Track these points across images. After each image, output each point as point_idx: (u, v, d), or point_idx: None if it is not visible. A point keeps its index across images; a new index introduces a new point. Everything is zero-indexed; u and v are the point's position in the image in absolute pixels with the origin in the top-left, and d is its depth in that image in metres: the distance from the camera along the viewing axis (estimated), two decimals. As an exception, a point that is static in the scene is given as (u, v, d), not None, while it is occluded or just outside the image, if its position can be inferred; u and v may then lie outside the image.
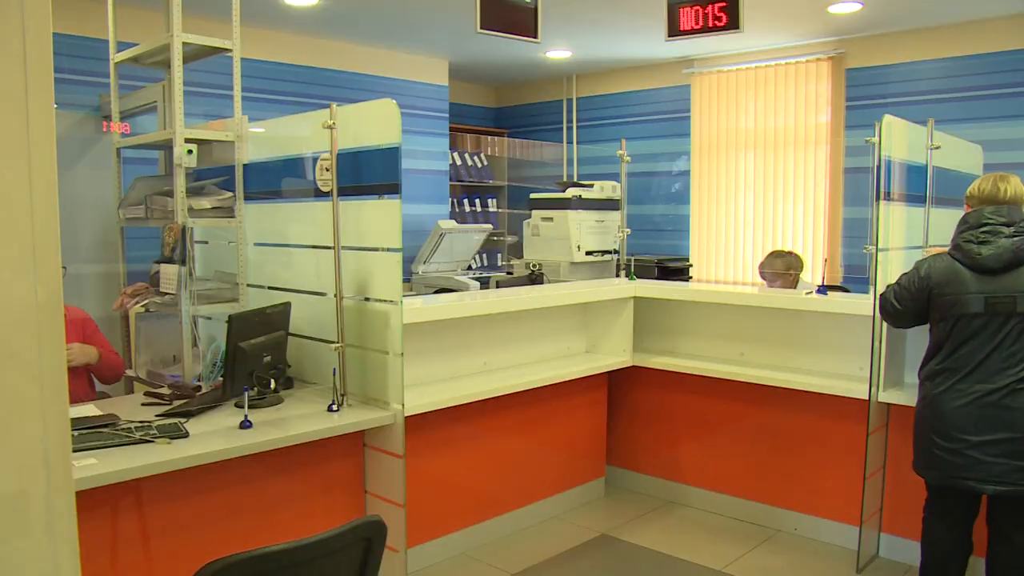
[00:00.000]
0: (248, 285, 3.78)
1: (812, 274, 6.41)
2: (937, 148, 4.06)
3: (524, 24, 4.70)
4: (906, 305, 3.19)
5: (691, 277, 6.99)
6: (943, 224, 4.33)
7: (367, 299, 3.26)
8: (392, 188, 3.14)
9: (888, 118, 3.69)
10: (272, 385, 3.18)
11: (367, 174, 3.23)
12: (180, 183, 3.50)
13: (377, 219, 3.23)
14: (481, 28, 4.47)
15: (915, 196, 4.07)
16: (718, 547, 4.04)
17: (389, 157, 3.15)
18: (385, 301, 3.19)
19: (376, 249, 3.22)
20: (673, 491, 4.62)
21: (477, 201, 8.65)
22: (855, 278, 6.40)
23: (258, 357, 3.14)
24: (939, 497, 3.22)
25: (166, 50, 3.58)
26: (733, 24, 4.52)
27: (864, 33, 6.71)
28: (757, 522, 4.30)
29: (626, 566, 3.89)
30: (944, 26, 6.40)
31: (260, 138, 3.81)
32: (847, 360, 4.03)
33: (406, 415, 3.19)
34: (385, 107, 3.15)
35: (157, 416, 2.93)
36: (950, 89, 6.40)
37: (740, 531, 4.23)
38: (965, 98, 6.33)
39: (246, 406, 2.89)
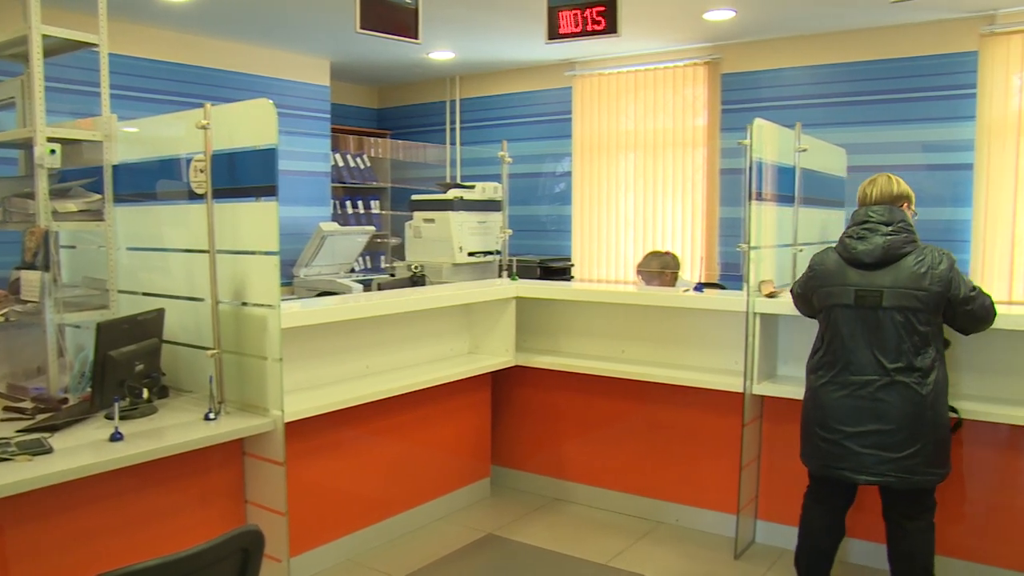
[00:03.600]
0: (119, 291, 3.62)
1: (691, 272, 6.61)
2: (804, 151, 4.24)
3: (405, 25, 4.68)
4: (802, 291, 3.37)
5: (573, 277, 7.09)
6: (811, 223, 4.54)
7: (244, 304, 3.18)
8: (269, 190, 3.06)
9: (758, 121, 3.83)
10: (145, 395, 3.06)
11: (243, 176, 3.15)
12: (42, 184, 3.32)
13: (254, 222, 3.15)
14: (361, 28, 4.42)
15: (785, 196, 4.24)
16: (603, 541, 4.11)
17: (265, 158, 3.07)
18: (263, 305, 3.11)
19: (253, 252, 3.14)
20: (558, 488, 4.67)
21: (360, 203, 8.56)
22: (731, 275, 6.62)
23: (129, 366, 3.02)
24: (818, 485, 3.35)
25: (24, 42, 3.39)
26: (611, 28, 4.62)
27: (738, 40, 6.96)
28: (640, 515, 4.39)
29: (512, 565, 3.92)
30: (812, 35, 6.71)
31: (131, 138, 3.66)
32: (723, 355, 4.16)
33: (286, 421, 3.12)
34: (261, 107, 3.08)
35: (18, 432, 2.77)
36: (817, 95, 6.71)
37: (624, 525, 4.32)
38: (831, 104, 6.65)
39: (116, 417, 2.77)
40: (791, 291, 3.49)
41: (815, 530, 3.37)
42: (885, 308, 3.04)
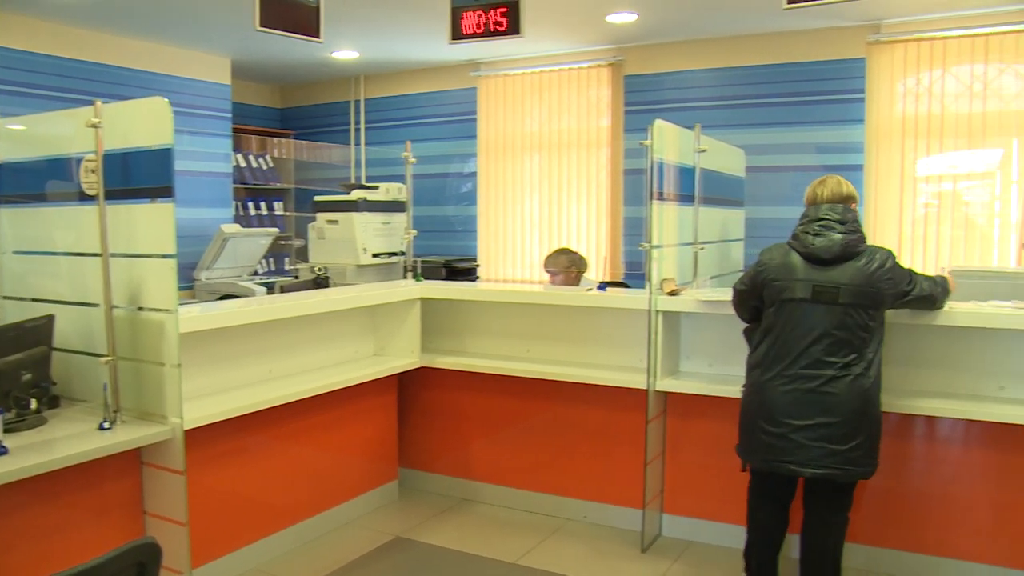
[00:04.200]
0: (5, 297, 3.47)
1: (596, 272, 6.70)
2: (704, 151, 4.34)
3: (306, 23, 4.61)
4: (749, 286, 3.36)
5: (478, 277, 7.10)
6: (712, 222, 4.66)
7: (140, 308, 3.08)
8: (165, 191, 2.98)
9: (659, 123, 3.91)
10: (33, 405, 2.94)
11: (137, 176, 3.05)
12: (-81, 186, 3.16)
13: (149, 224, 3.05)
14: (261, 26, 4.34)
15: (686, 196, 4.34)
16: (511, 541, 4.13)
17: (161, 158, 2.98)
18: (159, 310, 3.02)
19: (149, 256, 3.04)
20: (466, 489, 4.67)
21: (263, 204, 8.39)
22: (635, 274, 6.75)
23: (15, 376, 2.89)
24: (762, 480, 3.39)
25: None
26: (514, 29, 4.64)
27: (641, 42, 7.08)
28: (548, 513, 4.43)
29: (421, 567, 3.90)
30: (712, 39, 6.87)
31: (16, 136, 3.51)
32: (628, 352, 4.22)
33: (186, 428, 3.04)
34: (156, 105, 2.99)
35: None
36: (718, 97, 6.88)
37: (532, 523, 4.34)
38: (730, 106, 6.82)
39: (0, 430, 2.65)
40: (734, 288, 3.49)
41: (764, 524, 3.42)
42: (840, 304, 3.11)
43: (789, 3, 4.23)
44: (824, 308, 3.13)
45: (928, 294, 3.30)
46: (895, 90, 6.39)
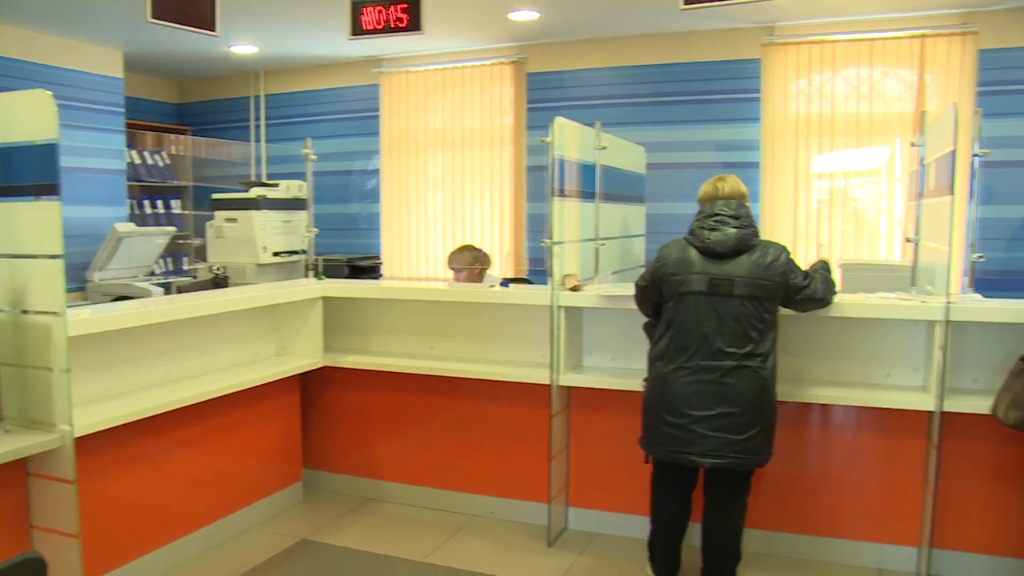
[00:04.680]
0: None
1: (499, 268, 6.72)
2: (604, 148, 4.40)
3: (201, 15, 4.49)
4: (649, 281, 3.42)
5: (381, 275, 7.05)
6: (613, 218, 4.72)
7: (25, 312, 2.94)
8: (50, 188, 2.85)
9: (559, 120, 3.94)
10: (-94, 414, 2.79)
11: (19, 173, 2.92)
12: None
13: (33, 223, 2.92)
14: (152, 18, 4.21)
15: (587, 192, 4.39)
16: (418, 539, 4.11)
17: (44, 154, 2.85)
18: (46, 313, 2.89)
19: (34, 256, 2.91)
20: (372, 489, 4.63)
21: (159, 202, 8.14)
22: (538, 270, 6.80)
23: None
24: (665, 471, 3.45)
25: None
26: (414, 26, 4.62)
27: (543, 40, 7.13)
28: (455, 510, 4.42)
29: (327, 569, 3.85)
30: (613, 38, 6.97)
31: None
32: (531, 348, 4.25)
33: (77, 436, 2.92)
34: (38, 98, 2.86)
35: None
36: (619, 95, 6.98)
37: (439, 521, 4.33)
38: (631, 104, 6.94)
39: None
40: (636, 284, 3.54)
41: (668, 515, 3.49)
42: (736, 296, 3.20)
43: (686, 4, 4.33)
44: (721, 300, 3.21)
45: (821, 297, 3.42)
46: (789, 90, 6.61)
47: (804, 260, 6.38)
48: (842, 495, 3.86)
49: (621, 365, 4.11)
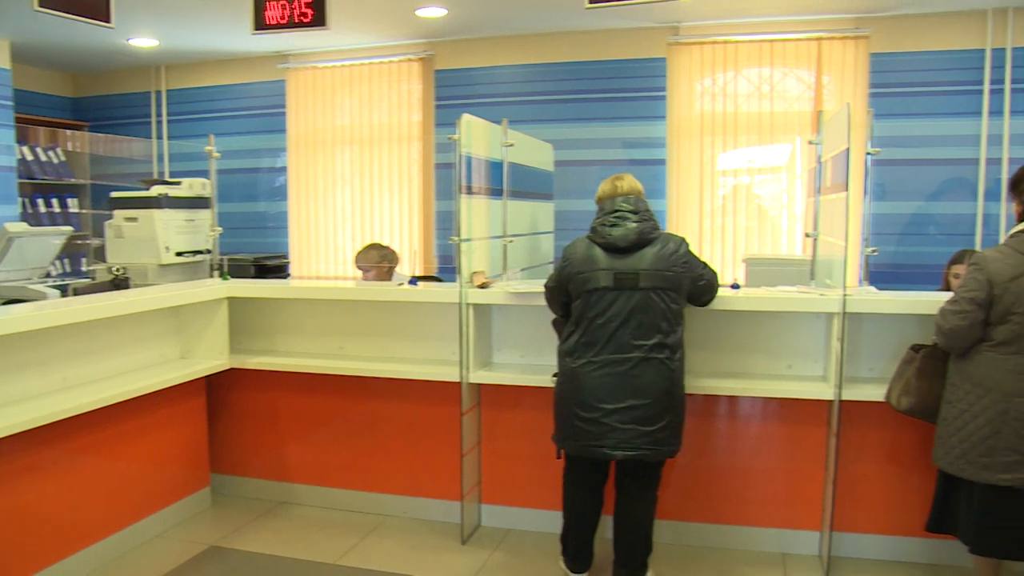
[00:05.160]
0: None
1: (409, 267, 6.68)
2: (511, 146, 4.41)
3: (93, 5, 4.33)
4: (557, 282, 3.46)
5: (289, 274, 6.94)
6: (521, 215, 4.74)
7: (-96, 316, 2.80)
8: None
9: (467, 117, 3.94)
10: None
11: None
12: None
13: (-88, 223, 2.78)
14: (40, 6, 4.04)
15: (496, 190, 4.40)
16: (331, 541, 4.06)
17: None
18: (-72, 318, 2.76)
19: (-87, 258, 2.77)
20: (283, 492, 4.55)
21: (55, 201, 7.82)
22: (448, 268, 6.78)
23: None
24: (577, 465, 3.49)
25: None
26: (320, 21, 4.55)
27: (451, 37, 7.11)
28: (368, 511, 4.38)
29: (237, 575, 3.77)
30: (521, 36, 7.00)
31: None
32: (441, 346, 4.24)
33: (-37, 446, 2.79)
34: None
35: None
36: (527, 92, 7.01)
37: (352, 522, 4.28)
38: (539, 101, 6.98)
39: None
40: (545, 285, 3.58)
41: (581, 508, 3.52)
42: (642, 288, 3.25)
43: (591, 3, 4.37)
44: (627, 294, 3.27)
45: (713, 284, 3.54)
46: (693, 89, 6.75)
47: (709, 255, 6.57)
48: (748, 484, 3.97)
49: (531, 361, 4.13)
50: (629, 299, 3.27)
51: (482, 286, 3.93)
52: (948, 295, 3.21)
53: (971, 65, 6.24)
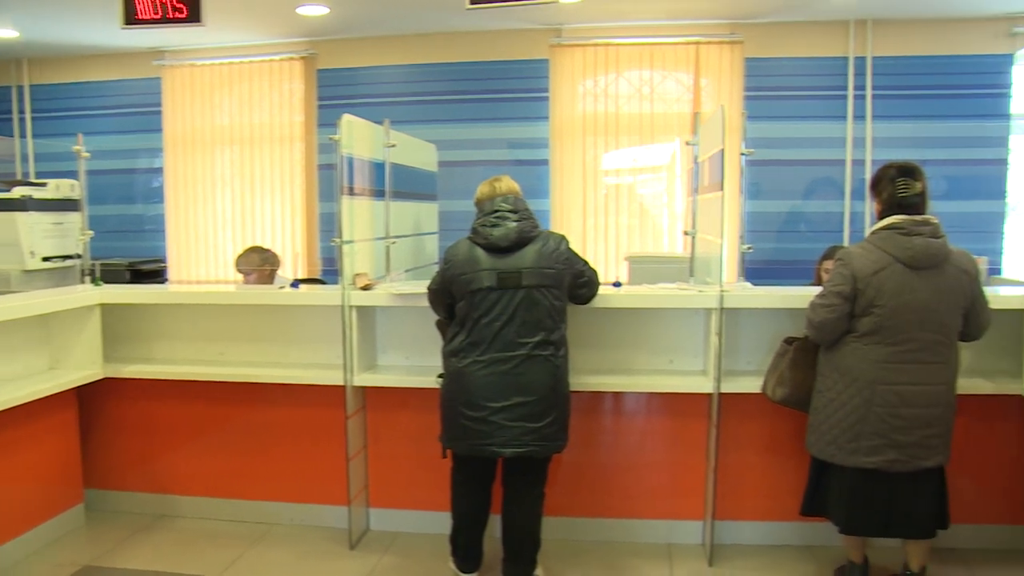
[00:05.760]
0: None
1: (292, 269, 6.57)
2: (393, 146, 4.38)
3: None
4: (440, 285, 3.46)
5: (167, 279, 6.71)
6: (405, 216, 4.72)
7: None
8: None
9: (347, 117, 3.90)
10: None
11: None
12: None
13: None
14: None
15: (378, 191, 4.36)
16: (215, 553, 3.94)
17: None
18: None
19: None
20: (163, 504, 4.39)
21: (-93, 204, 7.33)
22: (332, 270, 6.68)
23: None
24: (465, 465, 3.49)
25: None
26: (194, 17, 4.41)
27: (333, 36, 7.00)
28: (254, 520, 4.28)
29: (112, 594, 3.62)
30: (404, 35, 6.95)
31: None
32: (325, 349, 4.17)
33: None
34: None
35: None
36: (410, 93, 6.97)
37: (237, 532, 4.17)
38: (423, 102, 6.95)
39: None
40: (428, 288, 3.57)
41: (469, 508, 3.53)
42: (525, 287, 3.28)
43: (472, 3, 4.38)
44: (510, 293, 3.29)
45: (594, 281, 3.60)
46: (576, 90, 6.85)
47: (592, 254, 6.68)
48: (633, 477, 4.06)
49: (416, 363, 4.12)
50: (512, 298, 3.29)
51: (365, 288, 3.89)
52: (818, 289, 3.35)
53: (836, 71, 6.56)
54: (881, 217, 3.27)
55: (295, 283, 4.18)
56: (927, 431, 3.17)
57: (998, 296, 3.69)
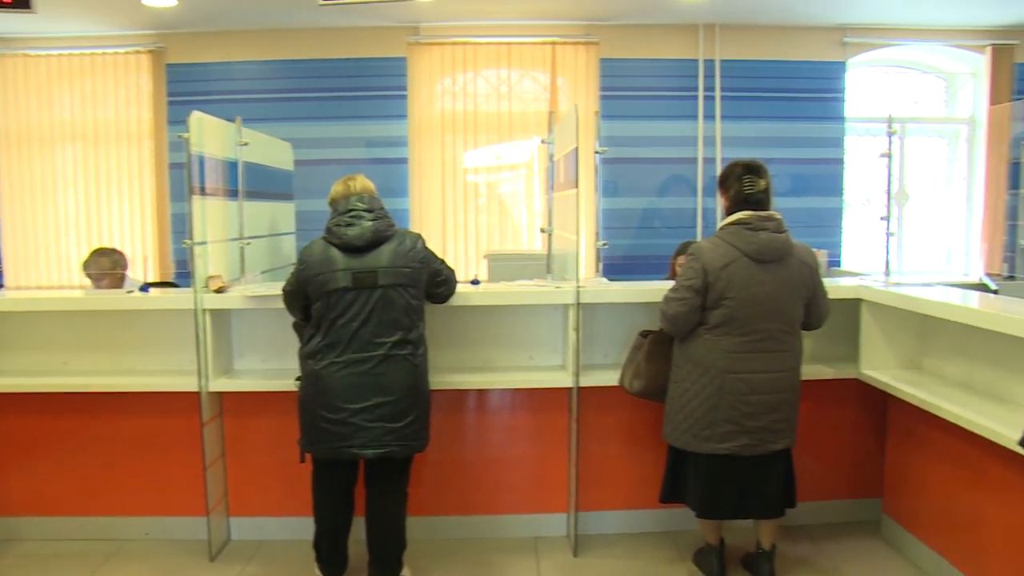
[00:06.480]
0: None
1: (143, 272, 6.29)
2: (246, 145, 4.26)
3: None
4: (295, 286, 3.39)
5: (3, 285, 6.32)
6: (260, 216, 4.59)
7: None
8: None
9: (197, 115, 3.76)
10: None
11: None
12: None
13: None
14: None
15: (232, 191, 4.23)
16: (62, 575, 3.73)
17: None
18: None
19: None
20: (3, 528, 4.11)
21: None
22: (185, 273, 6.44)
23: None
24: (326, 469, 3.43)
25: None
26: (23, 3, 4.14)
27: (183, 30, 6.74)
28: (105, 537, 4.06)
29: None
30: (258, 31, 6.77)
31: None
32: (179, 355, 4.01)
33: None
34: None
35: None
36: (264, 90, 6.80)
37: (86, 552, 3.95)
38: (278, 99, 6.78)
39: None
40: (283, 289, 3.50)
41: (332, 512, 3.47)
42: (381, 286, 3.25)
43: (323, 1, 4.30)
44: (367, 293, 3.27)
45: (451, 280, 3.62)
46: (435, 89, 6.85)
47: (453, 252, 6.70)
48: (498, 474, 4.09)
49: (274, 366, 4.03)
50: (369, 298, 3.27)
51: (219, 291, 3.77)
52: (672, 284, 3.47)
53: (687, 73, 6.82)
54: (729, 213, 3.41)
55: (145, 287, 4.01)
56: (774, 416, 3.33)
57: (837, 287, 3.91)
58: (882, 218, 4.19)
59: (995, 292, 4.44)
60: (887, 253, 4.19)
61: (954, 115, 7.44)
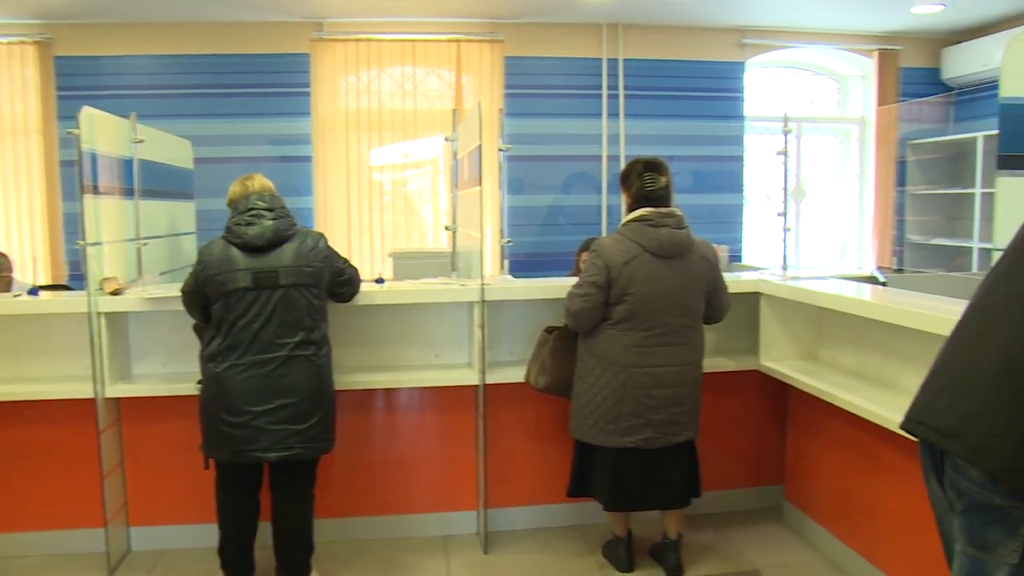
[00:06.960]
0: None
1: (33, 275, 6.05)
2: (142, 142, 4.13)
3: None
4: (194, 287, 3.32)
5: None
6: (158, 215, 4.47)
7: None
8: None
9: (88, 110, 3.63)
10: None
11: None
12: None
13: None
14: None
15: (128, 189, 4.10)
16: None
17: None
18: None
19: None
20: None
21: None
22: (79, 275, 6.20)
23: None
24: (230, 474, 3.35)
25: None
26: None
27: (73, 20, 6.48)
28: (-9, 555, 3.90)
29: None
30: (154, 24, 6.56)
31: None
32: (73, 360, 3.86)
33: None
34: None
35: None
36: (162, 85, 6.59)
37: (-29, 569, 3.79)
38: (176, 95, 6.59)
39: None
40: (182, 290, 3.40)
41: (236, 517, 3.39)
42: (282, 286, 3.20)
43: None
44: (268, 293, 3.22)
45: (355, 279, 3.60)
46: (339, 86, 6.76)
47: (358, 251, 6.64)
48: (407, 473, 4.08)
49: (174, 370, 3.92)
50: (270, 298, 3.22)
51: (115, 293, 3.65)
52: (576, 280, 3.51)
53: (591, 72, 6.91)
54: (631, 210, 3.47)
55: (33, 290, 3.84)
56: (677, 408, 3.41)
57: (737, 281, 4.03)
58: (780, 214, 4.33)
59: (884, 284, 4.63)
60: (785, 248, 4.33)
61: (846, 115, 7.75)
